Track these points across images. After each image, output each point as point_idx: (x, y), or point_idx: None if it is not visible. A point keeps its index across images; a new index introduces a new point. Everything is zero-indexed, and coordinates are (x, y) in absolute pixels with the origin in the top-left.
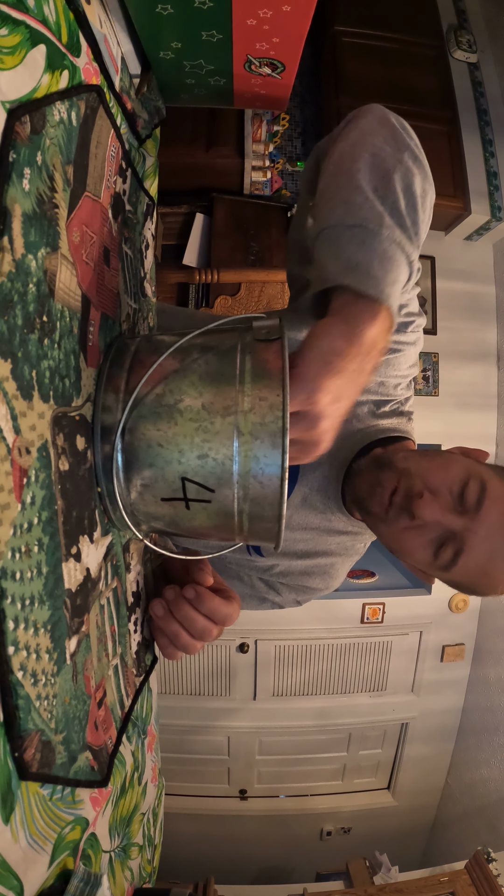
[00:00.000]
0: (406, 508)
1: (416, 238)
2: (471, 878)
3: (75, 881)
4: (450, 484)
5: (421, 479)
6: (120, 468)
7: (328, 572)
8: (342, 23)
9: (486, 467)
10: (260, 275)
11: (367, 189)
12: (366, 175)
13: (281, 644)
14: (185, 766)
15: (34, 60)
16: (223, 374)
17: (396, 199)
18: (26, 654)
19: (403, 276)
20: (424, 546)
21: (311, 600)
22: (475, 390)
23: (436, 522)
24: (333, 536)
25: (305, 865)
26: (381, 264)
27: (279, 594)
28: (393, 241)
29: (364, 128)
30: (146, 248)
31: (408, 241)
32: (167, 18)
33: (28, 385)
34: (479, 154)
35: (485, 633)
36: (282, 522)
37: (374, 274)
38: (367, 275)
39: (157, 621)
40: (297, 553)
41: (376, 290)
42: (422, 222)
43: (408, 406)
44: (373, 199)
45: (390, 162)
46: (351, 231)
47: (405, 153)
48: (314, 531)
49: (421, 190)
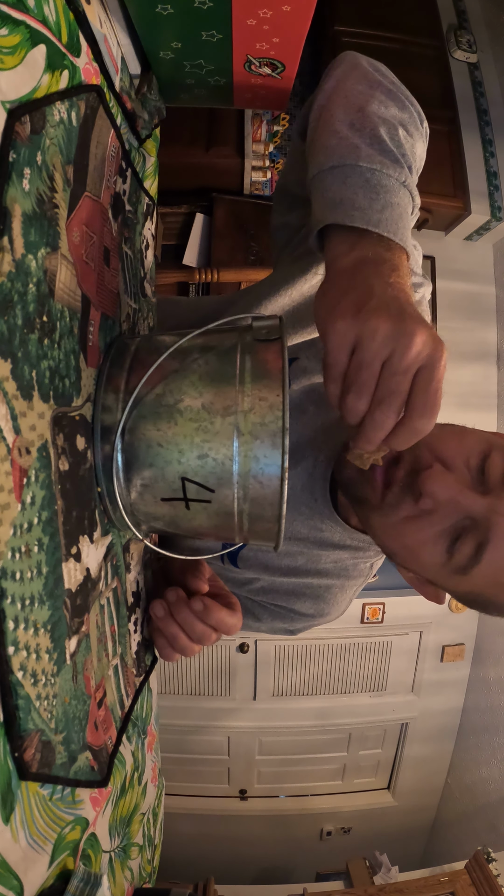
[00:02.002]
0: (411, 487)
1: (404, 159)
2: (471, 878)
3: (75, 881)
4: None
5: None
6: (120, 468)
7: (321, 596)
8: (342, 23)
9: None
10: (260, 275)
11: (342, 128)
12: (340, 116)
13: (281, 644)
14: (185, 766)
15: (34, 60)
16: (223, 374)
17: (374, 127)
18: (26, 654)
19: (398, 199)
20: (435, 539)
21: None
22: (475, 390)
23: (451, 502)
24: (328, 551)
25: (305, 865)
26: (366, 194)
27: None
28: (373, 169)
29: (337, 76)
30: (146, 248)
31: (392, 164)
32: (167, 18)
33: (28, 385)
34: (479, 154)
35: (485, 633)
36: (282, 522)
37: (358, 205)
38: (352, 206)
39: (156, 622)
40: (283, 569)
41: (364, 219)
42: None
43: None
44: (348, 135)
45: (363, 98)
46: (331, 173)
47: (377, 88)
48: (302, 543)
49: (399, 114)
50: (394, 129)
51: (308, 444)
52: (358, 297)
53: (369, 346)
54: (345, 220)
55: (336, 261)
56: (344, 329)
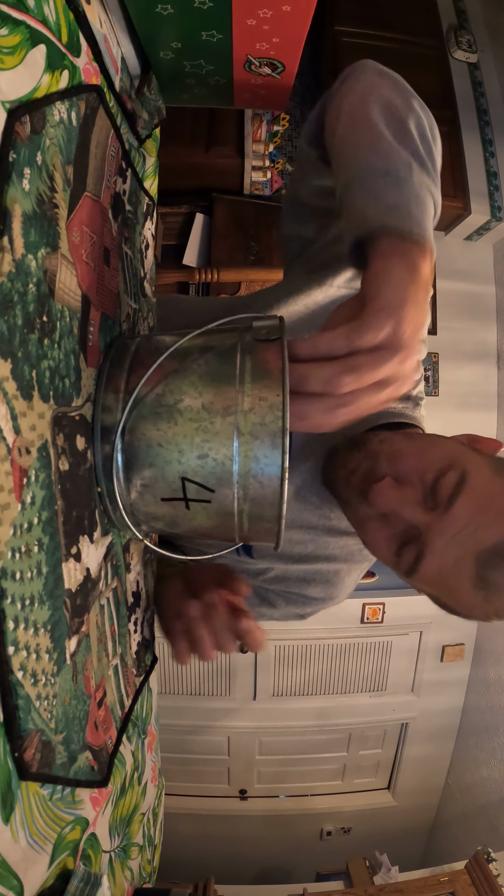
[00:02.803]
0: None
1: (437, 179)
2: (471, 878)
3: (75, 881)
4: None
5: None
6: (120, 468)
7: (331, 581)
8: (342, 23)
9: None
10: (260, 274)
11: (388, 136)
12: (383, 123)
13: (281, 644)
14: (185, 766)
15: (34, 60)
16: (223, 374)
17: (416, 145)
18: (26, 654)
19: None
20: (387, 541)
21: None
22: (475, 390)
23: (394, 513)
24: (335, 538)
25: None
26: (417, 206)
27: (274, 606)
28: (422, 184)
29: (367, 81)
30: (146, 248)
31: (432, 184)
32: (167, 18)
33: (28, 385)
34: (479, 154)
35: (485, 633)
36: (282, 522)
37: (414, 215)
38: (409, 215)
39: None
40: (294, 556)
41: (419, 228)
42: (437, 164)
43: (416, 390)
44: (397, 147)
45: (402, 110)
46: (384, 177)
47: (413, 100)
48: (312, 531)
49: (431, 134)
50: (428, 146)
51: (317, 439)
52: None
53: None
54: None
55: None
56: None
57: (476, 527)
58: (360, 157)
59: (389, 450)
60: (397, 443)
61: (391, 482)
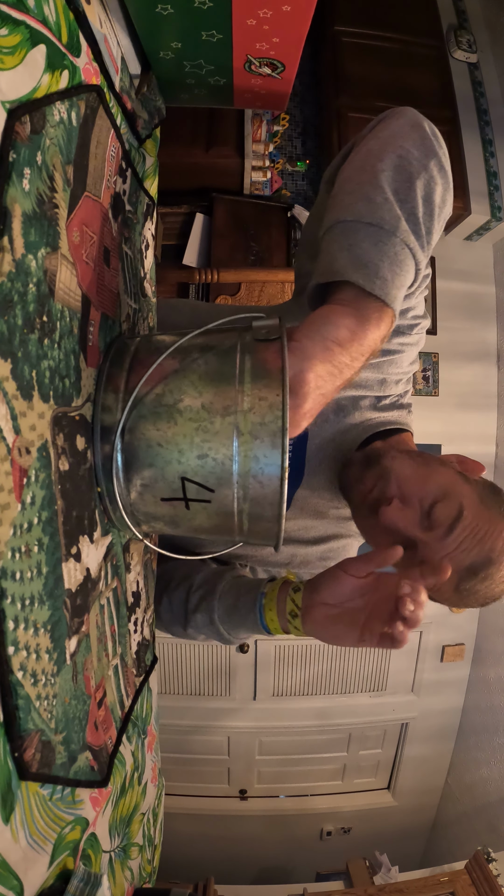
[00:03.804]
0: (375, 509)
1: (428, 247)
2: (471, 878)
3: (75, 881)
4: (421, 497)
5: (396, 485)
6: (120, 468)
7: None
8: (342, 23)
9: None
10: (260, 275)
11: (388, 190)
12: (389, 176)
13: (281, 644)
14: (185, 766)
15: (34, 60)
16: (223, 373)
17: (415, 206)
18: (26, 654)
19: (408, 282)
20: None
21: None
22: (475, 390)
23: (398, 531)
24: (343, 521)
25: (305, 865)
26: (390, 267)
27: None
28: (406, 245)
29: (395, 128)
30: (146, 248)
31: (419, 249)
32: (167, 18)
33: (28, 385)
34: (479, 154)
35: (485, 633)
36: (282, 522)
37: (383, 275)
38: (377, 275)
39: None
40: (311, 540)
41: (383, 291)
42: (435, 231)
43: (406, 398)
44: (392, 201)
45: (416, 167)
46: (367, 228)
47: (431, 160)
48: (324, 517)
49: (440, 200)
50: (430, 210)
51: (330, 443)
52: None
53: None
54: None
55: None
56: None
57: (462, 550)
58: (352, 202)
59: (398, 471)
60: (406, 467)
61: (398, 505)
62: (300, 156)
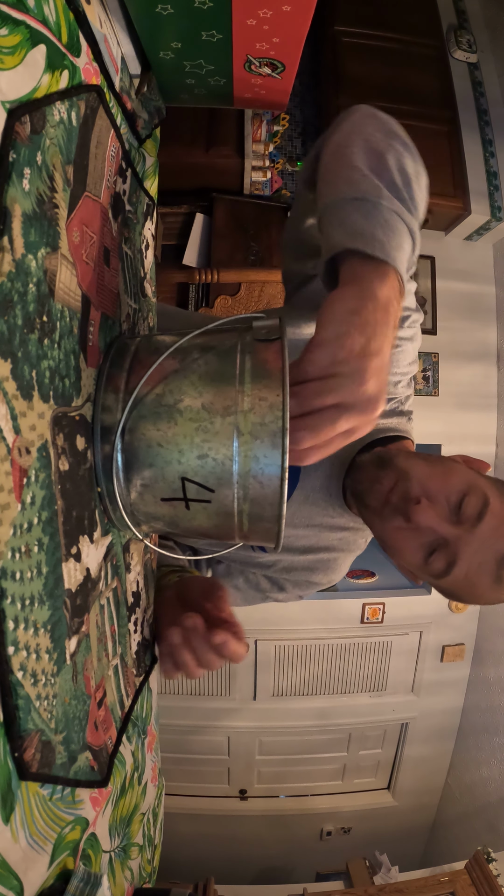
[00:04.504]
0: (402, 510)
1: (416, 212)
2: (471, 878)
3: (75, 881)
4: (448, 493)
5: (419, 484)
6: (120, 468)
7: (330, 566)
8: (342, 23)
9: (487, 481)
10: (260, 275)
11: (363, 168)
12: (361, 157)
13: (281, 644)
14: (185, 766)
15: (34, 60)
16: (223, 374)
17: (392, 176)
18: (26, 654)
19: (407, 245)
20: (416, 549)
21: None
22: (475, 390)
23: (430, 529)
24: (335, 532)
25: (305, 865)
26: (384, 231)
27: (283, 590)
28: (393, 210)
29: (354, 120)
30: (146, 248)
31: (406, 212)
32: (167, 18)
33: (28, 385)
34: (479, 154)
35: (485, 633)
36: (282, 522)
37: (378, 238)
38: (373, 238)
39: (171, 648)
40: (300, 549)
41: (382, 252)
42: (418, 198)
43: (407, 405)
44: (369, 175)
45: (382, 145)
46: (353, 203)
47: (394, 139)
48: (316, 528)
49: (413, 170)
50: (406, 179)
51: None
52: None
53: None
54: (365, 247)
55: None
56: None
57: (496, 538)
58: (335, 187)
59: (417, 471)
60: (421, 464)
61: (427, 503)
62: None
